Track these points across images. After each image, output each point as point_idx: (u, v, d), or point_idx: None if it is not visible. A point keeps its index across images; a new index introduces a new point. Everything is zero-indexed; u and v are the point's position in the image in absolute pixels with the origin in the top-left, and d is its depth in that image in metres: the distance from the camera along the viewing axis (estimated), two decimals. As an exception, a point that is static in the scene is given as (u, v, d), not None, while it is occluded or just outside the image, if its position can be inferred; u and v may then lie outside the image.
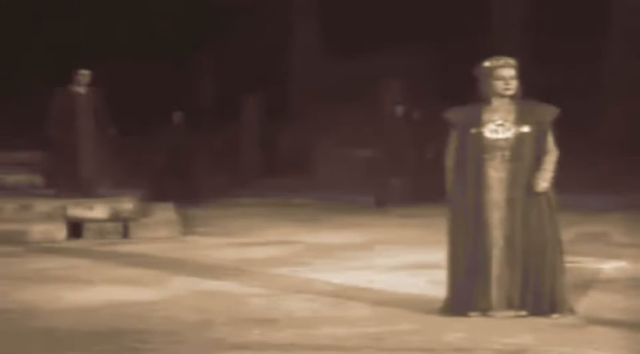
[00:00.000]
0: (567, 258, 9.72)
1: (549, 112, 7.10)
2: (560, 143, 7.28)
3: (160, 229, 12.08)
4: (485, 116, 6.95)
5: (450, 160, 7.02)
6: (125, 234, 11.94)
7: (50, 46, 24.84)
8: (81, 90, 13.00)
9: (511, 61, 7.01)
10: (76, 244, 11.48)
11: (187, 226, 12.66)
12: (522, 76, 7.08)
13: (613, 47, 23.18)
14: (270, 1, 24.58)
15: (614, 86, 23.05)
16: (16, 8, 24.98)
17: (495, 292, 6.87)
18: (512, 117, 6.97)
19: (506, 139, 6.93)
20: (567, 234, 11.83)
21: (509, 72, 6.96)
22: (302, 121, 23.36)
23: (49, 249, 10.92)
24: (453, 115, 7.07)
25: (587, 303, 7.46)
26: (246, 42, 24.78)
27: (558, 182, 7.29)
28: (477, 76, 7.04)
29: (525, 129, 6.97)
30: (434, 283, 7.96)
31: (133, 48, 24.70)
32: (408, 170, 15.85)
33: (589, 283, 8.39)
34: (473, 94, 7.09)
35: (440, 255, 7.25)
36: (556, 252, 7.05)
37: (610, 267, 9.32)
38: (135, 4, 25.11)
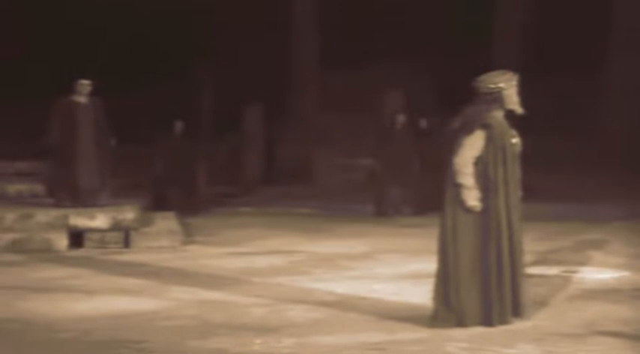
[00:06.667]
0: (569, 267, 9.76)
1: None
2: (562, 154, 7.35)
3: (161, 239, 12.07)
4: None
5: (471, 164, 6.91)
6: (126, 243, 11.94)
7: (52, 57, 24.91)
8: (82, 100, 13.01)
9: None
10: (77, 253, 11.47)
11: (188, 236, 12.65)
12: (524, 87, 7.11)
13: (614, 60, 23.24)
14: (271, 12, 24.63)
15: (615, 97, 23.10)
16: (19, 18, 25.06)
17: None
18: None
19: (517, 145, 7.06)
20: (569, 243, 11.88)
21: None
22: (302, 130, 23.38)
23: (50, 258, 10.91)
24: (493, 121, 7.01)
25: (589, 313, 7.45)
26: (247, 52, 24.82)
27: (560, 192, 7.33)
28: (493, 90, 7.01)
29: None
30: (435, 293, 7.95)
31: (134, 59, 24.76)
32: (409, 180, 15.84)
33: (591, 292, 8.39)
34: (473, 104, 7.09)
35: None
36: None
37: (612, 277, 9.31)
38: (136, 15, 25.16)
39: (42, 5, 25.77)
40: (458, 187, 6.88)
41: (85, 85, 12.98)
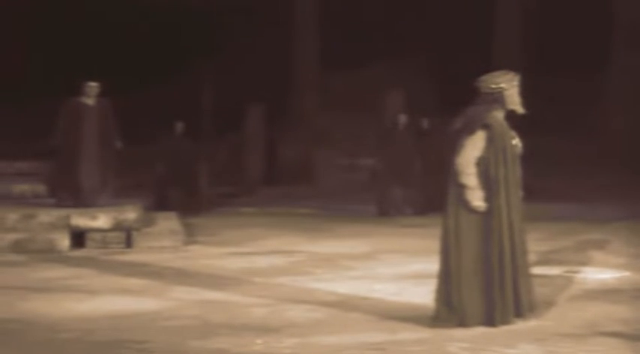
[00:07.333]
0: (570, 267, 9.77)
1: None
2: (563, 154, 7.37)
3: (163, 239, 12.07)
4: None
5: (473, 164, 6.91)
6: (128, 243, 11.95)
7: (52, 57, 24.92)
8: (89, 101, 13.07)
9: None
10: (79, 253, 11.48)
11: (190, 236, 12.65)
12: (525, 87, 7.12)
13: (614, 60, 23.24)
14: (272, 12, 24.63)
15: (616, 97, 23.11)
16: (24, 21, 25.07)
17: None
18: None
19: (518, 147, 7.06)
20: (570, 243, 11.88)
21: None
22: (303, 131, 23.39)
23: (52, 259, 10.92)
24: (493, 121, 7.00)
25: (590, 313, 7.46)
26: (248, 52, 24.83)
27: (561, 192, 7.35)
28: (494, 90, 7.01)
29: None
30: (436, 293, 7.95)
31: (134, 59, 24.77)
32: (411, 180, 15.85)
33: (592, 293, 8.39)
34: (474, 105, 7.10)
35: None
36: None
37: (613, 277, 9.32)
38: (137, 17, 25.18)
39: (42, 5, 25.78)
40: (461, 187, 6.89)
41: (92, 87, 13.05)
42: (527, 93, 7.21)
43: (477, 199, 6.85)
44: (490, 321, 6.86)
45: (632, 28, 22.81)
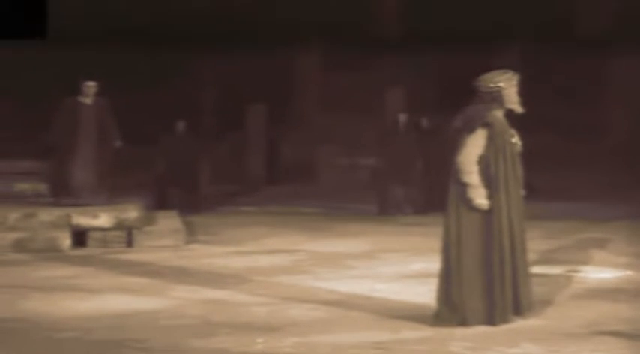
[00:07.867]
0: (571, 266, 9.77)
1: None
2: (565, 153, 7.36)
3: (164, 238, 12.07)
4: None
5: (475, 162, 6.92)
6: (129, 242, 11.94)
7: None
8: (87, 100, 13.08)
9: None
10: (80, 252, 11.47)
11: (191, 235, 12.65)
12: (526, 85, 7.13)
13: (618, 57, 23.21)
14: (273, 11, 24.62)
15: (618, 96, 23.09)
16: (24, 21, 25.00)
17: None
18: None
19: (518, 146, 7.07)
20: (571, 242, 11.88)
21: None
22: (304, 130, 23.38)
23: (53, 257, 10.92)
24: (493, 119, 7.00)
25: (591, 312, 7.46)
26: (249, 51, 24.81)
27: (562, 191, 7.35)
28: (492, 89, 7.01)
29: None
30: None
31: (135, 58, 24.76)
32: (412, 179, 15.85)
33: (594, 292, 8.39)
34: (475, 104, 7.10)
35: (444, 264, 7.23)
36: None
37: (614, 276, 9.32)
38: (138, 13, 25.15)
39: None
40: (462, 186, 6.89)
41: (90, 86, 13.06)
42: (526, 91, 7.21)
43: (480, 197, 6.85)
44: (491, 320, 6.86)
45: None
